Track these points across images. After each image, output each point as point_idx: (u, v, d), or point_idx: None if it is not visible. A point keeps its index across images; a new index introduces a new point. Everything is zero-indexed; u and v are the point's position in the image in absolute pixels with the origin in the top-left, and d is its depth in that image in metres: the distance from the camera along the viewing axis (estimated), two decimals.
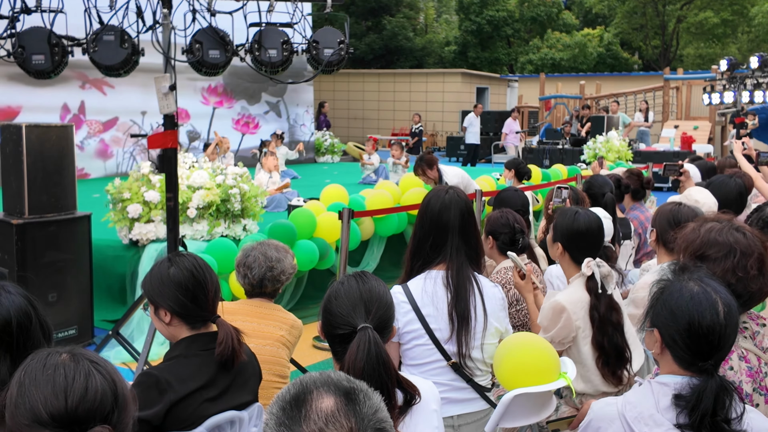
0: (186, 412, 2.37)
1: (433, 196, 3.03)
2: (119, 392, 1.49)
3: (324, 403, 1.31)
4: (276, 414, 1.32)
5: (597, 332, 3.19)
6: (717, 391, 1.98)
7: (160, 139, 4.73)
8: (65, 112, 13.43)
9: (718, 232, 2.49)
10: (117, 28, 4.46)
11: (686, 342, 2.05)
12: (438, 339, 2.86)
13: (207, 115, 16.40)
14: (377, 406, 1.35)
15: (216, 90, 16.54)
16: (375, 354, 2.00)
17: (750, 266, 2.41)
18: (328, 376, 1.38)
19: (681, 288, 2.09)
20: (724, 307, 2.04)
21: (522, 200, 4.83)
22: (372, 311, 2.10)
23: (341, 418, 1.30)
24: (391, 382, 2.02)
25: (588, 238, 3.37)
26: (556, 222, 3.48)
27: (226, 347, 2.43)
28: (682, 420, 1.99)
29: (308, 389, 1.34)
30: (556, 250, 3.45)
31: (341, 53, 4.98)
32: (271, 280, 3.50)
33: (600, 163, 8.63)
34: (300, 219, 6.95)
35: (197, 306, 2.50)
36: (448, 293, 2.90)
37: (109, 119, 14.21)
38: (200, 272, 2.52)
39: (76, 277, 5.96)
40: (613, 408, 2.10)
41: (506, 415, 2.74)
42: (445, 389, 2.88)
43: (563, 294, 3.29)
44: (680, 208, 3.76)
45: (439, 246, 2.96)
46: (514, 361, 2.78)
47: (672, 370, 2.10)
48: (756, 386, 2.42)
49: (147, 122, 14.70)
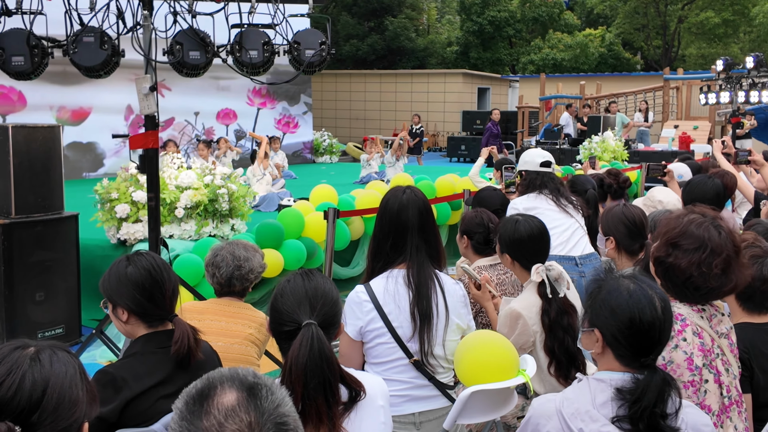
0: (141, 408, 2.41)
1: (391, 197, 3.05)
2: (50, 395, 1.49)
3: (226, 398, 1.34)
4: (180, 408, 1.35)
5: (548, 337, 3.21)
6: (661, 384, 2.03)
7: (142, 140, 4.78)
8: (129, 113, 14.69)
9: (697, 225, 2.52)
10: (97, 29, 4.49)
11: (628, 339, 2.08)
12: (400, 337, 2.89)
13: (252, 115, 17.90)
14: (280, 401, 1.37)
15: (260, 92, 17.93)
16: (318, 350, 2.03)
17: (715, 265, 2.46)
18: (235, 371, 1.41)
19: (618, 286, 2.13)
20: (660, 302, 2.10)
21: (501, 200, 4.86)
22: (317, 308, 2.13)
23: (241, 412, 1.32)
24: (334, 378, 2.05)
25: (531, 244, 3.42)
26: (499, 234, 3.53)
27: (182, 345, 2.46)
28: (621, 413, 2.03)
29: (213, 384, 1.37)
30: (507, 261, 3.48)
31: (322, 54, 5.02)
32: (240, 279, 3.53)
33: (592, 164, 8.64)
34: (288, 219, 7.00)
35: (154, 305, 2.53)
36: (410, 292, 2.92)
37: (167, 119, 15.49)
38: (157, 272, 2.55)
39: (63, 277, 6.01)
40: (552, 405, 2.13)
41: (464, 412, 2.77)
42: (407, 387, 2.91)
43: (517, 301, 3.32)
44: (629, 208, 3.77)
45: (399, 246, 2.98)
46: (472, 358, 2.81)
47: (610, 367, 2.14)
48: (706, 362, 2.46)
49: (199, 122, 16.47)
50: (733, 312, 2.98)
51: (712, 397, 2.44)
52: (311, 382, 2.01)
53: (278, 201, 9.23)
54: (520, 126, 23.18)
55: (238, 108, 17.45)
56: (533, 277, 3.22)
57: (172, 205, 6.59)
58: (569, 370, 3.18)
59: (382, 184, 8.66)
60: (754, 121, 15.15)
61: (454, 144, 22.80)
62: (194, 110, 16.27)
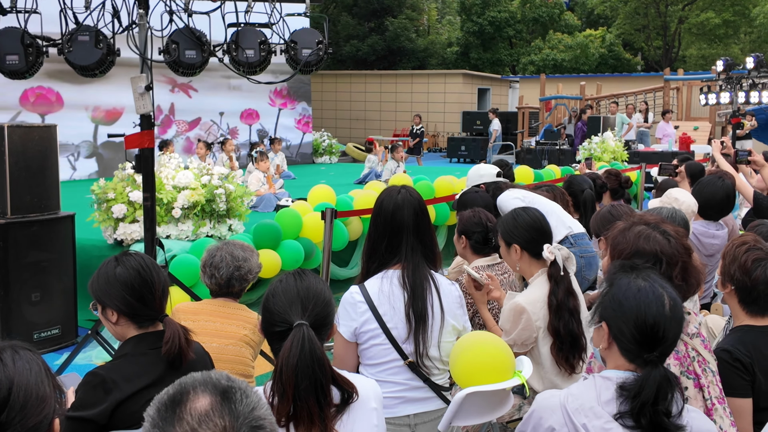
0: (132, 410, 2.38)
1: (385, 197, 3.02)
2: (16, 393, 1.47)
3: (199, 403, 1.31)
4: (152, 415, 1.32)
5: (553, 317, 3.23)
6: (660, 381, 2.02)
7: (137, 139, 4.75)
8: (159, 113, 15.49)
9: (645, 239, 2.55)
10: (92, 28, 4.47)
11: (632, 333, 2.09)
12: (395, 338, 2.86)
13: (273, 115, 18.74)
14: (255, 404, 1.34)
15: (281, 93, 18.79)
16: (309, 350, 2.00)
17: (675, 276, 2.49)
18: (208, 375, 1.38)
19: (629, 283, 2.14)
20: (670, 300, 2.10)
21: (484, 201, 4.81)
22: (309, 308, 2.11)
23: (215, 417, 1.29)
24: (326, 379, 2.02)
25: (539, 228, 3.44)
26: (500, 231, 3.54)
27: (173, 345, 2.43)
28: (623, 409, 2.02)
29: (185, 390, 1.34)
30: (515, 256, 3.46)
31: (319, 53, 4.99)
32: (239, 280, 3.51)
33: (588, 165, 8.62)
34: (285, 219, 6.97)
35: (144, 305, 2.50)
36: (405, 292, 2.89)
37: (194, 119, 16.41)
38: (147, 271, 2.52)
39: (59, 277, 5.99)
40: (556, 399, 2.12)
41: (459, 414, 2.74)
42: (402, 388, 2.89)
43: (523, 295, 3.31)
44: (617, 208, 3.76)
45: (394, 246, 2.95)
46: (467, 360, 2.78)
47: (617, 365, 2.14)
48: (684, 370, 2.48)
49: (224, 121, 17.22)
50: (735, 315, 2.95)
51: (695, 403, 2.45)
52: (302, 383, 1.98)
53: (276, 201, 9.20)
54: (520, 126, 23.17)
55: (261, 108, 18.23)
56: (545, 255, 3.24)
57: (169, 206, 6.57)
58: (571, 352, 3.18)
59: (381, 185, 8.63)
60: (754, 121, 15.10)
61: (454, 144, 22.79)
62: (219, 110, 17.05)
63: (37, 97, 13.72)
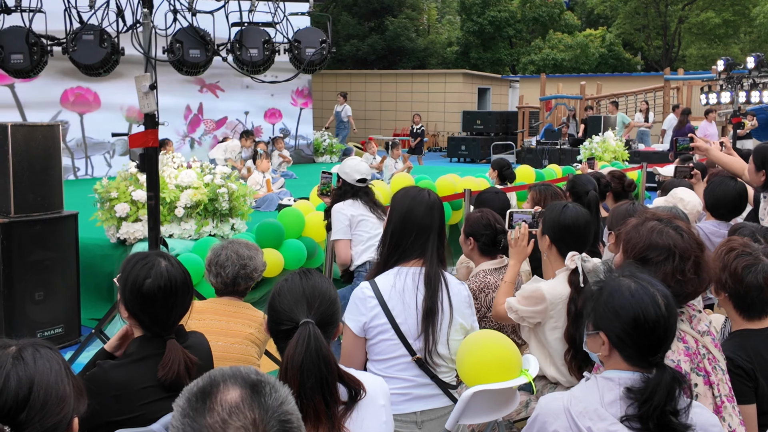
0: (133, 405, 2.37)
1: (416, 195, 3.05)
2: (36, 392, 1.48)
3: (229, 395, 1.32)
4: (182, 406, 1.33)
5: (571, 325, 3.22)
6: (671, 383, 2.01)
7: (141, 138, 4.74)
8: (188, 113, 16.22)
9: (658, 233, 2.53)
10: (96, 27, 4.48)
11: (634, 339, 2.06)
12: (404, 333, 2.87)
13: (295, 114, 19.23)
14: (283, 398, 1.36)
15: (302, 92, 19.27)
16: (314, 348, 2.01)
17: (687, 270, 2.48)
18: (237, 369, 1.39)
19: (619, 286, 2.11)
20: (663, 299, 2.08)
21: (502, 202, 4.83)
22: (315, 307, 2.12)
23: (245, 409, 1.30)
24: (332, 377, 2.03)
25: (574, 231, 3.41)
26: (544, 216, 3.52)
27: (170, 371, 2.37)
28: (630, 412, 2.01)
29: (215, 382, 1.35)
30: (545, 243, 3.48)
31: (323, 53, 5.00)
32: (244, 278, 3.52)
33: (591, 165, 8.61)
34: (288, 218, 6.97)
35: (154, 323, 2.46)
36: (418, 289, 2.91)
37: (220, 118, 17.04)
38: (172, 296, 2.45)
39: (62, 276, 5.99)
40: (559, 403, 2.11)
41: (467, 412, 2.75)
42: (409, 385, 2.89)
43: (547, 284, 3.32)
44: (635, 206, 3.77)
45: (419, 244, 2.99)
46: (474, 358, 2.79)
47: (618, 367, 2.12)
48: (693, 366, 2.47)
49: (249, 120, 17.74)
50: (732, 319, 2.95)
51: (705, 400, 2.44)
52: (308, 381, 1.99)
53: (278, 201, 9.20)
54: (521, 126, 23.18)
55: (283, 107, 18.79)
56: (567, 263, 3.23)
57: (172, 205, 6.56)
58: (585, 362, 3.18)
59: (382, 184, 8.63)
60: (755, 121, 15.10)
61: (454, 144, 22.80)
62: (244, 110, 17.64)
63: (77, 97, 14.18)
